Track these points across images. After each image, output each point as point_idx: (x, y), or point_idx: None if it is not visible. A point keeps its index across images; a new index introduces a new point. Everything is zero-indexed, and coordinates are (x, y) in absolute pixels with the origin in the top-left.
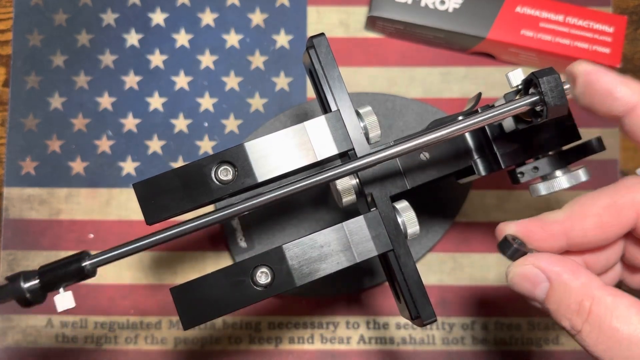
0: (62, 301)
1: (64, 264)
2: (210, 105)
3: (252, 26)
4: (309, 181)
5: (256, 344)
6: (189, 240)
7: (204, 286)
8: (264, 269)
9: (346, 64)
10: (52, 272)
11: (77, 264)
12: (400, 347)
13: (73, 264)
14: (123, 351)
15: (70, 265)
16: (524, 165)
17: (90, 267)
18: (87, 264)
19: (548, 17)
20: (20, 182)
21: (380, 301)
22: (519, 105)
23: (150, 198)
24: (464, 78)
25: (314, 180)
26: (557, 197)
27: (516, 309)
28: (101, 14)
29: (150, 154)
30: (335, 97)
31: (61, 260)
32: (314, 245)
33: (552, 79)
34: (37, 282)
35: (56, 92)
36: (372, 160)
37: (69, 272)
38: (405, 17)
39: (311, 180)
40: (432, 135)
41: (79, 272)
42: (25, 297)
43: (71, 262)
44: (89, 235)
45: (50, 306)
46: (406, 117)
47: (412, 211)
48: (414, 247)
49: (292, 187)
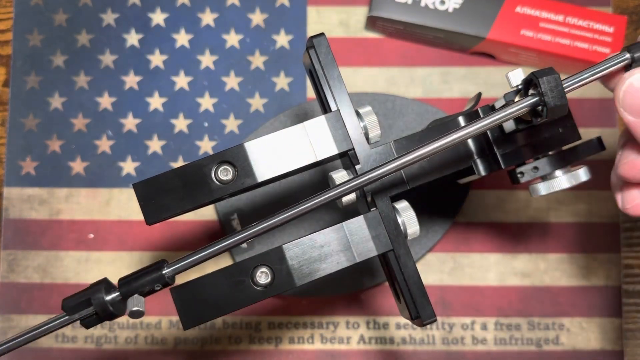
0: (133, 303)
1: (144, 273)
2: (210, 105)
3: (252, 26)
4: (317, 200)
5: (256, 344)
6: (189, 241)
7: (204, 286)
8: (264, 269)
9: (346, 64)
10: (133, 283)
11: (158, 273)
12: (400, 347)
13: (153, 273)
14: (123, 351)
15: (151, 274)
16: (524, 165)
17: (171, 275)
18: (167, 271)
19: (548, 17)
20: (20, 182)
21: (380, 301)
22: (519, 107)
23: (150, 198)
24: (464, 78)
25: (322, 199)
26: (557, 197)
27: (516, 309)
28: (101, 14)
29: (150, 154)
30: (335, 97)
31: (141, 271)
32: (314, 245)
33: (552, 78)
34: (118, 294)
35: (56, 92)
36: (378, 174)
37: (150, 282)
38: (405, 17)
39: (319, 199)
40: (435, 145)
41: (159, 281)
42: (108, 310)
43: (151, 271)
44: (89, 235)
45: (50, 306)
46: (406, 117)
47: (412, 211)
48: (414, 247)
49: (300, 207)
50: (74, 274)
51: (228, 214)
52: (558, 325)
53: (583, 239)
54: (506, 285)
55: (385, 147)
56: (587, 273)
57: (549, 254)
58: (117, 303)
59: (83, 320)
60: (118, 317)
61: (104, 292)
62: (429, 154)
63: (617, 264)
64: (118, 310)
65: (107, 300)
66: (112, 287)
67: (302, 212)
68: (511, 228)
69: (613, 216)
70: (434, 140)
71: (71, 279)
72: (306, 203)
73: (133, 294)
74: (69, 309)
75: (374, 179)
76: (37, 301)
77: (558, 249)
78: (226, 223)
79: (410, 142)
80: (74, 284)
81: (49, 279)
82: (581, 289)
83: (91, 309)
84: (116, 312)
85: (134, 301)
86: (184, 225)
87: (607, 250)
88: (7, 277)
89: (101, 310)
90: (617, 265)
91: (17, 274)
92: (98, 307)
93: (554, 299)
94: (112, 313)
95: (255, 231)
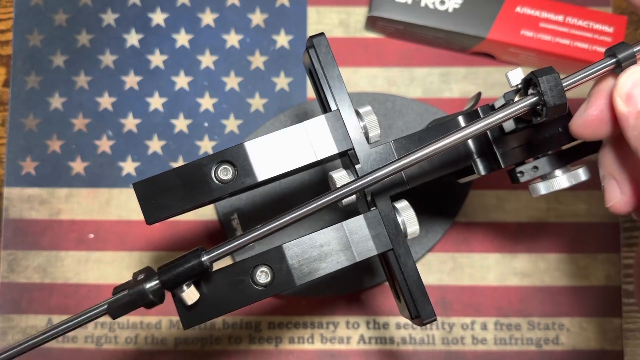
0: (190, 296)
1: (183, 261)
2: (210, 105)
3: (252, 26)
4: (320, 202)
5: (256, 344)
6: (189, 240)
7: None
8: (264, 269)
9: (346, 64)
10: (172, 271)
11: (197, 260)
12: (400, 347)
13: (192, 260)
14: (123, 351)
15: (190, 261)
16: (524, 165)
17: (209, 262)
18: (206, 259)
19: (548, 17)
20: (20, 182)
21: (380, 301)
22: (519, 107)
23: (150, 198)
24: (464, 78)
25: (325, 201)
26: (557, 197)
27: (516, 309)
28: (101, 14)
29: (151, 154)
30: (335, 96)
31: (179, 259)
32: (314, 244)
33: (552, 78)
34: (157, 282)
35: (56, 92)
36: (379, 175)
37: (189, 269)
38: (405, 17)
39: (322, 201)
40: (436, 146)
41: (199, 267)
42: (149, 298)
43: (190, 258)
44: (89, 235)
45: (50, 306)
46: (406, 117)
47: (412, 211)
48: (414, 247)
49: (303, 209)
50: (74, 274)
51: (228, 214)
52: (558, 325)
53: (583, 239)
54: (506, 285)
55: (385, 147)
56: (587, 273)
57: (549, 254)
58: (157, 291)
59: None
60: (157, 305)
61: (145, 281)
62: (430, 155)
63: (617, 264)
64: (159, 298)
65: (147, 289)
66: (152, 275)
67: (306, 214)
68: (511, 228)
69: (613, 216)
70: (434, 142)
71: (71, 279)
72: (310, 205)
73: (173, 281)
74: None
75: (375, 180)
76: (37, 301)
77: (558, 249)
78: (226, 223)
79: (410, 141)
80: (74, 284)
81: (49, 279)
82: (581, 289)
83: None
84: (156, 301)
85: (190, 294)
86: (184, 225)
87: (607, 250)
88: (7, 277)
89: (143, 299)
90: (617, 265)
91: (17, 274)
92: (139, 295)
93: (553, 299)
94: (152, 301)
95: (276, 226)
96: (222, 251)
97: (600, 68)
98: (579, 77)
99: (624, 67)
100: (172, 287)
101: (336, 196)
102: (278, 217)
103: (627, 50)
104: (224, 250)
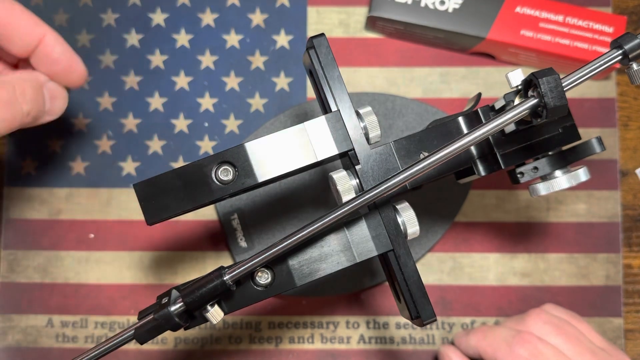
0: (215, 316)
1: (205, 282)
2: (210, 105)
3: (252, 26)
4: (329, 218)
5: (256, 344)
6: (189, 240)
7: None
8: (264, 269)
9: (346, 64)
10: (196, 292)
11: (219, 280)
12: (400, 347)
13: (214, 280)
14: (123, 351)
15: (213, 281)
16: (524, 165)
17: (231, 281)
18: (227, 277)
19: (548, 17)
20: (20, 182)
21: (380, 301)
22: (519, 111)
23: (151, 198)
24: (463, 78)
25: (332, 217)
26: (556, 197)
27: (516, 309)
28: (101, 14)
29: (151, 154)
30: (335, 97)
31: (201, 279)
32: (314, 245)
33: (552, 79)
34: (182, 304)
35: None
36: (386, 187)
37: (212, 289)
38: (405, 17)
39: (332, 216)
40: (439, 155)
41: (222, 287)
42: (175, 321)
43: (212, 279)
44: (89, 235)
45: (50, 306)
46: (406, 117)
47: (412, 211)
48: (414, 247)
49: (315, 225)
50: (74, 274)
51: (228, 214)
52: None
53: (583, 239)
54: (506, 285)
55: (385, 148)
56: (587, 273)
57: (549, 253)
58: (181, 314)
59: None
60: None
61: (170, 304)
62: (433, 164)
63: (617, 264)
64: (184, 321)
65: (171, 312)
66: (176, 298)
67: (318, 229)
68: (511, 228)
69: (613, 216)
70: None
71: (71, 278)
72: (319, 222)
73: (198, 303)
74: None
75: (381, 193)
76: (37, 301)
77: (558, 249)
78: (226, 223)
79: (410, 142)
80: (74, 284)
81: (49, 279)
82: (581, 289)
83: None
84: (182, 324)
85: (215, 314)
86: (184, 225)
87: (607, 250)
88: (8, 277)
89: (169, 323)
90: (617, 265)
91: (18, 273)
92: (164, 319)
93: (553, 298)
94: (177, 324)
95: (293, 242)
96: (243, 269)
97: (607, 60)
98: (585, 71)
99: (632, 59)
100: (197, 308)
101: (344, 211)
102: (293, 234)
103: (634, 41)
104: (245, 268)
